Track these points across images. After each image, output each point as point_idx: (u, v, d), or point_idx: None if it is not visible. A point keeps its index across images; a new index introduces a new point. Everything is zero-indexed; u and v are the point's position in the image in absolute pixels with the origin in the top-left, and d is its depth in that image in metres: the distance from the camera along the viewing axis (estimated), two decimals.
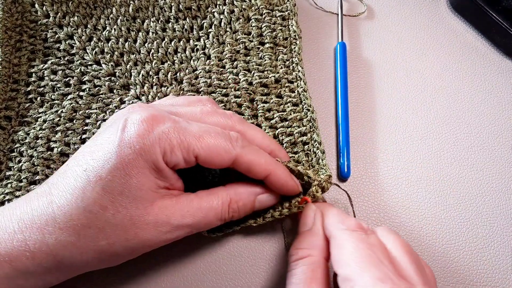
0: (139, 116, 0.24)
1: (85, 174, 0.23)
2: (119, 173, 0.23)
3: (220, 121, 0.27)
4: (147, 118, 0.24)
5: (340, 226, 0.25)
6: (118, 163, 0.23)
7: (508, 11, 0.40)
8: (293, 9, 0.38)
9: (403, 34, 0.42)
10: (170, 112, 0.26)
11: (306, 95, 0.34)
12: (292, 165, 0.28)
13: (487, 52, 0.41)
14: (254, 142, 0.28)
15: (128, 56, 0.36)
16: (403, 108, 0.38)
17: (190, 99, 0.30)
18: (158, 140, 0.23)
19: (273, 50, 0.36)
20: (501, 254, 0.33)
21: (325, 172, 0.31)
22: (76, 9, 0.37)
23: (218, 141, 0.25)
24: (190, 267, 0.31)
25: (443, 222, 0.34)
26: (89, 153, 0.24)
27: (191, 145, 0.24)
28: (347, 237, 0.24)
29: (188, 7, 0.38)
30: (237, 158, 0.25)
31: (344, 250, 0.24)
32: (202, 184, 0.29)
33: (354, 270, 0.22)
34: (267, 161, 0.26)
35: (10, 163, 0.32)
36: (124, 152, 0.23)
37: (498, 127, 0.38)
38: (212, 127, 0.25)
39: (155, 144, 0.23)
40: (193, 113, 0.27)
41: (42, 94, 0.34)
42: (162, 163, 0.24)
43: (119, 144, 0.23)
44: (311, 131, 0.33)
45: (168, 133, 0.23)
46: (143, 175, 0.23)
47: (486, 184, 0.35)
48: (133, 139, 0.23)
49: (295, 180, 0.28)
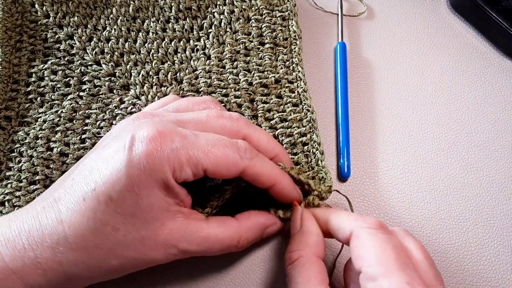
0: (147, 134, 0.23)
1: (95, 194, 0.23)
2: (130, 194, 0.22)
3: (227, 125, 0.27)
4: (155, 136, 0.23)
5: (362, 224, 0.25)
6: (128, 185, 0.22)
7: (508, 11, 0.40)
8: (293, 9, 0.38)
9: (403, 34, 0.42)
10: (176, 121, 0.26)
11: (306, 95, 0.34)
12: (294, 173, 0.29)
13: (487, 52, 0.41)
14: (260, 145, 0.28)
15: (128, 56, 0.36)
16: (403, 108, 0.38)
17: (194, 101, 0.30)
18: (167, 158, 0.23)
19: (273, 51, 0.36)
20: (501, 254, 0.33)
21: (324, 175, 0.31)
22: (76, 9, 0.37)
23: (227, 154, 0.24)
24: (189, 266, 0.31)
25: (443, 222, 0.34)
26: (96, 170, 0.23)
27: (199, 160, 0.24)
28: (371, 236, 0.24)
29: (188, 7, 0.38)
30: (245, 169, 0.25)
31: (368, 249, 0.23)
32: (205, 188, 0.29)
33: (380, 271, 0.22)
34: (274, 172, 0.27)
35: (10, 163, 0.32)
36: (134, 173, 0.22)
37: (498, 127, 0.38)
38: (220, 139, 0.25)
39: (164, 162, 0.23)
40: (199, 119, 0.27)
41: (42, 94, 0.34)
42: (172, 181, 0.23)
43: (127, 164, 0.22)
44: (311, 132, 0.33)
45: (176, 150, 0.23)
46: (153, 195, 0.23)
47: (486, 184, 0.35)
48: (142, 159, 0.22)
49: (298, 191, 0.29)
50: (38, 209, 0.24)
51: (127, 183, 0.22)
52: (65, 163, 0.32)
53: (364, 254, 0.23)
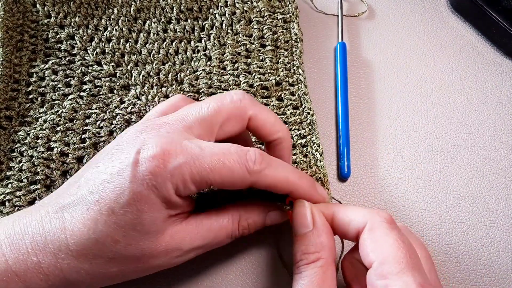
0: (152, 152, 0.23)
1: (97, 205, 0.23)
2: (132, 208, 0.23)
3: (232, 113, 0.26)
4: (159, 153, 0.23)
5: (377, 218, 0.24)
6: (130, 199, 0.23)
7: (508, 11, 0.40)
8: (295, 12, 0.38)
9: (403, 34, 0.42)
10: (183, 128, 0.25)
11: (307, 98, 0.34)
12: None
13: (487, 52, 0.42)
14: (266, 125, 0.27)
15: (129, 56, 0.36)
16: (403, 108, 0.38)
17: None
18: (170, 176, 0.23)
19: (274, 53, 0.37)
20: (501, 254, 0.33)
21: (322, 176, 0.31)
22: (78, 10, 0.37)
23: (233, 170, 0.24)
24: (190, 266, 0.31)
25: (443, 222, 0.34)
26: (100, 183, 0.23)
27: (203, 177, 0.24)
28: (387, 231, 0.23)
29: (190, 8, 0.38)
30: (253, 183, 0.25)
31: (383, 245, 0.23)
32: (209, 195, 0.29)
33: (394, 269, 0.22)
34: (289, 180, 0.26)
35: (10, 163, 0.32)
36: (137, 189, 0.23)
37: (498, 127, 0.38)
38: (227, 151, 0.24)
39: (167, 180, 0.23)
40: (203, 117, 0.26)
41: (42, 94, 0.34)
42: (174, 197, 0.24)
43: (131, 179, 0.23)
44: (311, 134, 0.33)
45: (180, 167, 0.23)
46: (155, 210, 0.23)
47: (486, 184, 0.35)
48: (145, 176, 0.23)
49: (321, 193, 0.28)
50: (43, 214, 0.24)
51: (129, 197, 0.23)
52: (65, 163, 0.32)
53: (378, 249, 0.23)
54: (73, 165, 0.32)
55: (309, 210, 0.26)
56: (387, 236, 0.23)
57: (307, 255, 0.25)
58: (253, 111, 0.27)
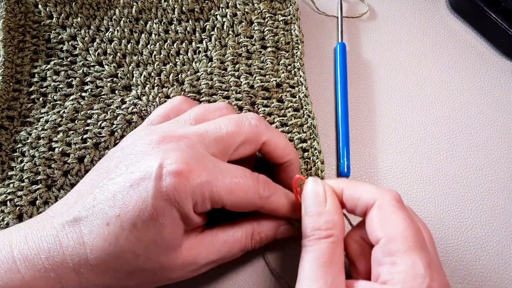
0: (176, 167, 0.23)
1: (119, 220, 0.23)
2: (154, 223, 0.23)
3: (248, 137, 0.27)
4: (184, 169, 0.23)
5: (387, 196, 0.24)
6: (153, 214, 0.23)
7: (507, 12, 0.40)
8: (296, 14, 0.38)
9: (403, 34, 0.42)
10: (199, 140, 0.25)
11: (308, 100, 0.35)
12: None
13: (486, 52, 0.42)
14: (278, 149, 0.28)
15: (131, 57, 0.36)
16: (403, 108, 0.38)
17: (209, 109, 0.29)
18: (192, 193, 0.23)
19: (275, 54, 0.37)
20: (500, 254, 0.33)
21: None
22: (79, 10, 0.37)
23: (247, 193, 0.25)
24: None
25: (442, 222, 0.34)
26: (121, 195, 0.23)
27: (221, 198, 0.24)
28: (396, 210, 0.23)
29: (191, 9, 0.38)
30: (259, 208, 0.26)
31: (392, 223, 0.23)
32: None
33: (402, 247, 0.22)
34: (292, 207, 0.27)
35: (12, 163, 0.32)
36: (160, 204, 0.23)
37: (498, 127, 0.38)
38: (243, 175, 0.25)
39: (189, 196, 0.23)
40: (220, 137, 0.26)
41: (44, 95, 0.35)
42: (192, 213, 0.24)
43: (154, 194, 0.23)
44: (311, 138, 0.33)
45: (202, 186, 0.23)
46: (175, 225, 0.24)
47: (486, 184, 0.35)
48: (169, 191, 0.23)
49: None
50: (57, 227, 0.23)
51: (152, 212, 0.23)
52: (67, 163, 0.32)
53: (386, 227, 0.23)
54: (74, 165, 0.32)
55: (323, 188, 0.26)
56: (395, 214, 0.23)
57: (319, 231, 0.24)
58: (267, 136, 0.28)
